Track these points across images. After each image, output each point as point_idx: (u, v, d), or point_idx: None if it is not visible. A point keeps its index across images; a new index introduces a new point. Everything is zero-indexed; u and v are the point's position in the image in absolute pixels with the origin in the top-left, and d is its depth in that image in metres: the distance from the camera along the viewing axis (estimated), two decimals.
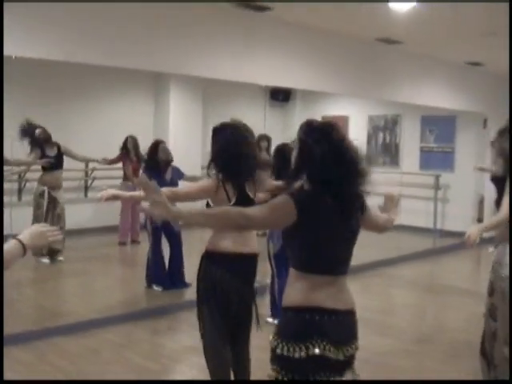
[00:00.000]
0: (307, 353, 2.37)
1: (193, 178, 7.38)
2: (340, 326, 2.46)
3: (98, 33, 5.61)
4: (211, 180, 3.63)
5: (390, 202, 3.08)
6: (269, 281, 5.93)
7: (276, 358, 2.44)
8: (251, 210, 2.40)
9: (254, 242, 3.66)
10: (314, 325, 2.41)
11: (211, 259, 3.59)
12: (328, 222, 2.43)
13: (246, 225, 2.44)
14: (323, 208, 2.42)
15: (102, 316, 6.00)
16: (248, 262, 3.65)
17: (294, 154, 2.55)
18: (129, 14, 5.74)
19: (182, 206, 2.39)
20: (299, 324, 2.42)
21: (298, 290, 2.46)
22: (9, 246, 2.24)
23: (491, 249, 4.43)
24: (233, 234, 3.51)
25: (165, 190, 3.86)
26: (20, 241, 2.26)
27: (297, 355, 2.38)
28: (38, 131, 7.97)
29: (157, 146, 6.87)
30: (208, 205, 3.73)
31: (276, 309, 5.71)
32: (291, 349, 2.39)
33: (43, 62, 6.43)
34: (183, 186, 3.76)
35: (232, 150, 3.56)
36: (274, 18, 6.89)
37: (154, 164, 6.77)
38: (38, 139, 7.97)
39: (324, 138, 2.46)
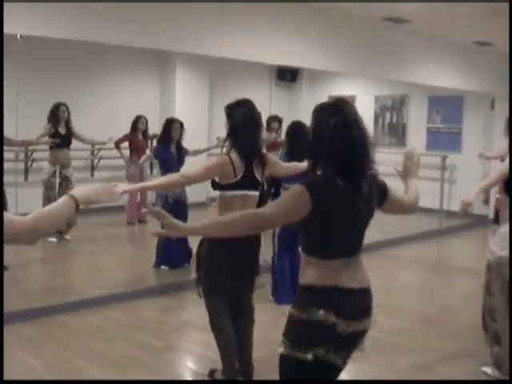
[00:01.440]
0: (332, 327, 2.38)
1: (196, 152, 7.43)
2: (359, 305, 2.48)
3: (102, 11, 5.58)
4: (216, 158, 3.76)
5: (411, 162, 2.90)
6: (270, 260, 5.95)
7: (298, 324, 2.42)
8: (268, 211, 2.37)
9: None
10: (332, 303, 2.40)
11: (216, 244, 3.66)
12: (341, 206, 2.39)
13: (264, 226, 2.44)
14: (336, 192, 2.38)
15: (108, 294, 6.05)
16: (252, 241, 3.75)
17: (310, 132, 2.52)
18: None
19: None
20: (319, 302, 2.40)
21: (315, 271, 2.44)
22: (58, 202, 2.08)
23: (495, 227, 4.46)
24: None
25: (175, 176, 3.90)
26: (71, 195, 2.10)
27: (320, 318, 2.38)
28: (62, 108, 8.09)
29: (171, 123, 6.94)
30: (213, 183, 3.75)
31: (276, 288, 5.76)
32: (314, 315, 2.38)
33: (48, 41, 6.41)
34: (191, 167, 3.81)
35: (248, 125, 3.70)
36: None
37: (167, 139, 6.87)
38: (57, 116, 8.04)
39: (338, 111, 2.44)
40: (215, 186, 3.76)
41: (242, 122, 3.72)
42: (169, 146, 6.83)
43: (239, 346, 3.86)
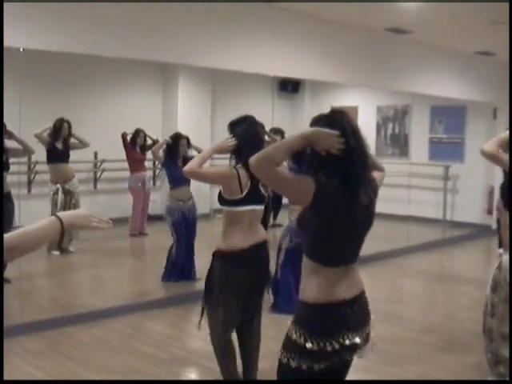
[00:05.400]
0: (338, 345, 2.41)
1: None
2: (360, 311, 2.52)
3: (104, 24, 5.61)
4: (227, 168, 3.81)
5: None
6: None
7: (304, 352, 2.41)
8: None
9: (262, 230, 3.91)
10: (340, 320, 2.43)
11: (227, 258, 3.76)
12: (341, 208, 2.40)
13: (269, 169, 2.34)
14: (336, 195, 2.39)
15: (112, 306, 6.04)
16: (262, 248, 3.87)
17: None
18: (136, 4, 5.73)
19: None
20: (327, 321, 2.43)
21: (316, 286, 2.45)
22: (45, 221, 2.10)
23: (501, 250, 4.43)
24: (243, 228, 3.73)
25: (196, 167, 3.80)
26: (58, 217, 2.12)
27: (329, 348, 2.40)
28: (65, 125, 8.11)
29: (178, 139, 7.00)
30: (220, 198, 3.78)
31: (277, 298, 5.90)
32: (321, 344, 2.39)
33: (50, 54, 6.44)
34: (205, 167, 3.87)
35: (251, 141, 3.75)
36: (282, 9, 6.87)
37: (174, 154, 6.92)
38: (59, 133, 8.08)
39: (335, 123, 2.43)
40: (222, 201, 3.79)
41: (245, 138, 3.77)
42: (176, 162, 6.83)
43: (244, 356, 3.87)
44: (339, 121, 2.45)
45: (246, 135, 3.78)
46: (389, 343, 5.22)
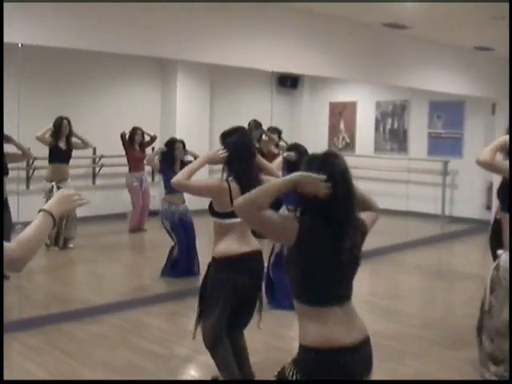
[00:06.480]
0: None
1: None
2: (361, 360, 2.46)
3: (102, 20, 5.59)
4: (217, 181, 3.78)
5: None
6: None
7: None
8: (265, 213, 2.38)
9: (255, 241, 3.87)
10: (338, 368, 2.39)
11: (221, 265, 3.75)
12: (325, 247, 2.39)
13: (252, 215, 2.37)
14: (321, 239, 2.39)
15: (111, 302, 6.04)
16: (256, 257, 3.86)
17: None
18: (135, 0, 5.72)
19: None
20: (324, 368, 2.39)
21: (314, 329, 2.41)
22: (38, 221, 2.15)
23: (500, 251, 4.40)
24: (236, 237, 3.72)
25: (183, 178, 3.78)
26: (47, 211, 2.17)
27: None
28: (64, 123, 8.11)
29: (173, 143, 7.05)
30: (211, 210, 3.78)
31: (274, 293, 5.91)
32: None
33: (49, 49, 6.42)
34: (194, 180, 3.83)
35: (242, 152, 3.75)
36: (280, 4, 6.85)
37: (169, 158, 6.98)
38: (60, 131, 8.07)
39: (326, 166, 2.42)
40: (213, 213, 3.78)
41: (235, 151, 3.75)
42: (171, 167, 6.85)
43: (237, 357, 3.88)
44: (330, 164, 2.44)
45: (236, 147, 3.75)
46: (388, 339, 5.23)
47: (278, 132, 9.03)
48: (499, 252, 4.38)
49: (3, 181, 6.48)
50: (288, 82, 12.95)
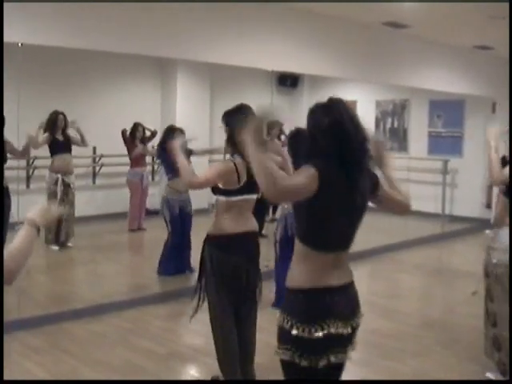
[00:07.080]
0: (323, 332, 2.41)
1: (204, 152, 7.56)
2: (347, 301, 2.53)
3: (102, 19, 5.59)
4: (224, 164, 3.76)
5: (378, 152, 2.74)
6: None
7: (291, 339, 2.45)
8: (286, 182, 2.32)
9: (254, 222, 3.86)
10: (326, 306, 2.44)
11: (216, 243, 3.73)
12: (340, 194, 2.42)
13: (275, 190, 2.28)
14: (336, 180, 2.41)
15: (110, 301, 6.05)
16: (251, 238, 3.82)
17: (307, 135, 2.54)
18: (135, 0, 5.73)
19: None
20: (312, 306, 2.44)
21: (305, 272, 2.48)
22: (24, 232, 2.22)
23: (488, 231, 4.43)
24: (231, 217, 3.70)
25: (197, 176, 3.75)
26: (31, 222, 2.25)
27: (314, 336, 2.41)
28: (60, 117, 8.11)
29: (172, 132, 6.88)
30: (214, 188, 3.75)
31: (279, 296, 5.77)
32: (307, 330, 2.41)
33: (49, 48, 6.44)
34: (202, 171, 3.78)
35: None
36: (280, 4, 6.85)
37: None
38: (56, 125, 8.08)
39: (331, 111, 2.47)
40: (217, 191, 3.75)
41: (239, 127, 3.71)
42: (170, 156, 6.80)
43: (241, 353, 3.85)
44: (335, 108, 2.49)
45: (239, 122, 3.60)
46: (387, 337, 5.24)
47: (279, 125, 9.10)
48: (487, 232, 4.40)
49: (3, 168, 6.47)
50: (288, 82, 12.95)
